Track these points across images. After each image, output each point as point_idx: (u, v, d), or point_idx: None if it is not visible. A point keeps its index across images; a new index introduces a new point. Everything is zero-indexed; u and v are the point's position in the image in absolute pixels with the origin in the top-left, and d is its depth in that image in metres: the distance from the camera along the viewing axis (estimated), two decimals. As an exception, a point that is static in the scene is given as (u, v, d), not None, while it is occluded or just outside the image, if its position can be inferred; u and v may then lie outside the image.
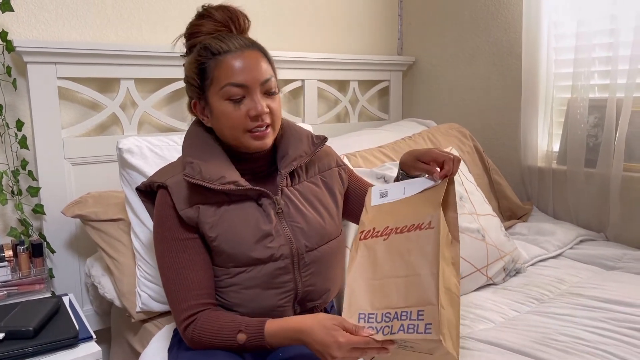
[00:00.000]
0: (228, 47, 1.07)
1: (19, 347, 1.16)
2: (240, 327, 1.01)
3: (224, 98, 1.07)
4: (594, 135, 1.97)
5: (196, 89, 1.11)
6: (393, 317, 0.89)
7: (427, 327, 0.85)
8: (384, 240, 0.99)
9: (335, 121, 2.48)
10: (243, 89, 1.06)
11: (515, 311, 1.43)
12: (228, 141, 1.12)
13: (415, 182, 1.07)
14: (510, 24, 2.23)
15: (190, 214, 1.08)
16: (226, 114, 1.07)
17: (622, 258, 1.75)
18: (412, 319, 0.87)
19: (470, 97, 2.43)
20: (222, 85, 1.06)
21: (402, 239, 0.96)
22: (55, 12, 1.70)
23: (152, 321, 1.47)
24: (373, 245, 0.99)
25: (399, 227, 0.98)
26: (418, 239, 0.95)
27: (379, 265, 0.96)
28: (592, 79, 1.95)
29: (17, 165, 1.64)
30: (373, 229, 1.02)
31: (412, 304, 0.88)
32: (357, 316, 0.93)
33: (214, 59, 1.07)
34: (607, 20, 1.90)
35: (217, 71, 1.07)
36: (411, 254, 0.94)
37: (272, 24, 2.18)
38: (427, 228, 0.95)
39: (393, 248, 0.97)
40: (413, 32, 2.64)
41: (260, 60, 1.09)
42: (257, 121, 1.07)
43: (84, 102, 1.78)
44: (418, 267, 0.92)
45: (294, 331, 0.97)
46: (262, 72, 1.08)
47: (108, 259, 1.53)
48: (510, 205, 2.16)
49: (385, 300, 0.92)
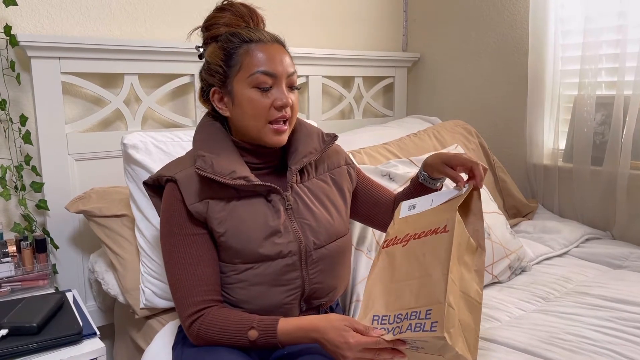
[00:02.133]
0: (259, 37, 1.10)
1: (23, 343, 1.16)
2: (252, 324, 1.01)
3: (252, 85, 1.07)
4: (600, 133, 1.95)
5: (220, 76, 1.11)
6: (404, 317, 0.90)
7: (433, 325, 0.85)
8: (402, 246, 1.01)
9: (339, 117, 2.47)
10: (272, 78, 1.08)
11: (521, 310, 1.42)
12: (245, 131, 1.11)
13: (443, 194, 1.08)
14: (516, 20, 2.22)
15: (199, 209, 1.07)
16: (253, 102, 1.07)
17: (628, 257, 1.74)
18: (420, 318, 0.88)
19: (476, 94, 2.41)
20: (252, 72, 1.07)
21: (419, 243, 0.98)
22: (59, 7, 1.69)
23: (156, 317, 1.47)
24: (393, 252, 1.02)
25: (417, 233, 1.00)
26: (433, 242, 0.96)
27: (397, 269, 0.98)
28: (599, 76, 1.94)
29: (21, 161, 1.63)
30: (395, 237, 1.04)
31: (422, 304, 0.89)
32: (371, 318, 0.94)
33: (245, 46, 1.08)
34: (614, 17, 1.88)
35: (247, 58, 1.08)
36: (426, 256, 0.95)
37: (277, 19, 2.17)
38: (442, 232, 0.96)
39: (411, 253, 0.98)
40: (418, 28, 2.63)
41: (286, 55, 1.12)
42: (280, 112, 1.08)
43: (87, 97, 1.77)
44: (430, 268, 0.93)
45: (307, 330, 0.98)
46: (289, 65, 1.11)
47: (112, 255, 1.53)
48: (516, 203, 2.15)
49: (398, 302, 0.93)
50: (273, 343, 1.00)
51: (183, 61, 1.84)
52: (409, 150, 1.98)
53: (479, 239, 1.01)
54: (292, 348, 1.08)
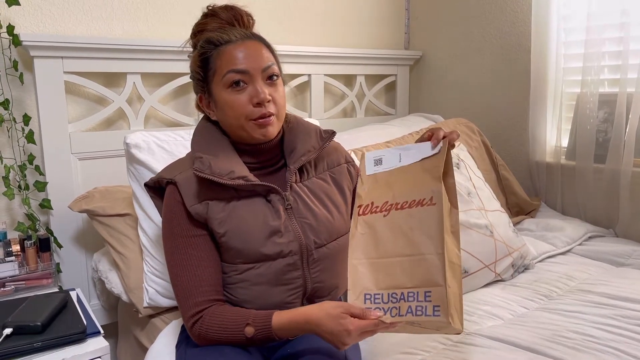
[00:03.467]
0: (229, 38, 1.09)
1: (27, 342, 1.16)
2: (248, 320, 1.01)
3: (226, 86, 1.07)
4: (603, 131, 1.95)
5: (200, 82, 1.13)
6: (400, 297, 0.88)
7: (436, 309, 0.84)
8: (384, 216, 0.96)
9: (341, 116, 2.47)
10: (244, 75, 1.07)
11: (524, 308, 1.42)
12: (234, 132, 1.12)
13: (411, 149, 1.00)
14: (519, 18, 2.21)
15: (199, 210, 1.07)
16: (229, 103, 1.07)
17: (632, 254, 1.74)
18: (419, 300, 0.86)
19: (478, 92, 2.41)
20: (224, 73, 1.07)
21: (404, 215, 0.94)
22: (61, 6, 1.69)
23: (160, 316, 1.47)
24: (373, 222, 0.97)
25: (399, 203, 0.95)
26: (420, 216, 0.92)
27: (382, 243, 0.95)
28: (602, 74, 1.93)
29: (24, 160, 1.63)
30: (372, 204, 0.99)
31: (418, 284, 0.88)
32: (363, 297, 0.92)
33: (216, 50, 1.09)
34: (617, 14, 1.87)
35: (219, 60, 1.08)
36: (414, 232, 0.92)
37: (279, 18, 2.17)
38: (429, 204, 0.92)
39: (395, 225, 0.94)
40: (420, 26, 2.62)
41: (261, 49, 1.10)
42: (259, 108, 1.07)
43: (90, 96, 1.78)
44: (422, 247, 0.90)
45: (302, 322, 0.97)
46: (264, 59, 1.09)
47: (115, 254, 1.53)
48: (519, 201, 2.15)
49: (390, 280, 0.91)
50: (270, 338, 1.00)
51: (185, 60, 1.82)
52: (411, 149, 1.97)
53: (451, 197, 0.96)
54: (295, 348, 1.08)
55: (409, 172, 0.98)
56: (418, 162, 0.98)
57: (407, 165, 0.99)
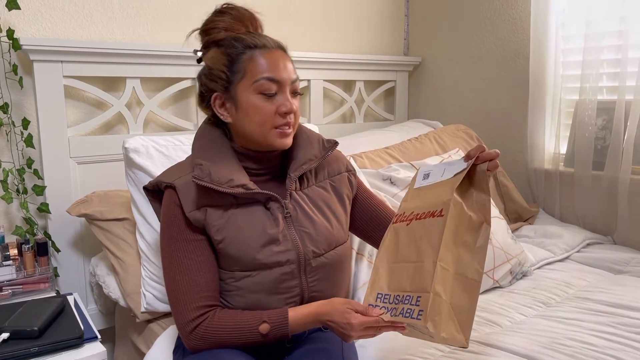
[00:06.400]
0: (263, 43, 1.09)
1: (24, 347, 1.16)
2: (263, 317, 1.03)
3: (257, 92, 1.07)
4: (602, 138, 1.95)
5: (223, 81, 1.10)
6: (400, 300, 0.94)
7: (420, 313, 0.89)
8: (407, 225, 1.02)
9: (340, 121, 2.47)
10: (277, 85, 1.08)
11: (522, 315, 1.42)
12: (250, 137, 1.10)
13: (454, 164, 1.04)
14: (517, 25, 2.22)
15: (197, 216, 1.07)
16: (258, 108, 1.07)
17: (630, 262, 1.74)
18: (411, 304, 0.92)
19: (477, 98, 2.42)
20: (257, 78, 1.07)
21: (419, 225, 0.99)
22: (61, 10, 1.69)
23: (157, 321, 1.47)
24: (399, 230, 1.03)
25: (419, 213, 1.01)
26: (430, 226, 0.97)
27: (400, 249, 1.01)
28: (600, 81, 1.94)
29: (23, 164, 1.63)
30: (403, 214, 1.05)
31: (414, 289, 0.93)
32: (376, 295, 0.99)
33: (249, 52, 1.08)
34: (616, 22, 1.88)
35: (252, 64, 1.07)
36: (422, 240, 0.97)
37: (278, 24, 2.17)
38: (438, 216, 0.96)
39: (411, 233, 1.00)
40: (419, 32, 2.63)
41: (289, 61, 1.12)
42: (285, 119, 1.08)
43: (89, 100, 1.78)
44: (424, 255, 0.95)
45: (315, 316, 1.03)
46: (293, 72, 1.11)
47: (113, 258, 1.53)
48: (517, 208, 2.15)
49: (398, 282, 0.97)
50: (284, 334, 1.03)
51: (185, 65, 1.84)
52: (410, 155, 1.98)
53: (485, 213, 0.98)
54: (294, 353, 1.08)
55: (441, 185, 1.03)
56: (452, 177, 1.02)
57: (445, 179, 1.03)
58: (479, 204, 0.99)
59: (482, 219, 0.98)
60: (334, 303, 1.01)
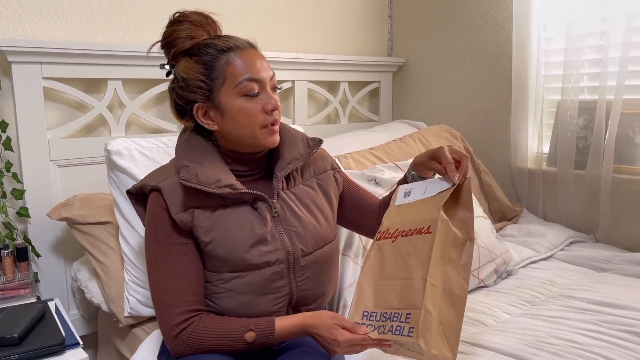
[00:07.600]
0: (235, 45, 1.08)
1: (4, 354, 1.13)
2: (249, 325, 1.02)
3: (241, 94, 1.06)
4: (583, 137, 1.97)
5: (203, 90, 1.08)
6: (388, 317, 0.94)
7: (410, 330, 0.89)
8: (392, 242, 1.02)
9: (325, 122, 2.47)
10: (259, 84, 1.07)
11: (508, 314, 1.42)
12: (239, 140, 1.09)
13: (436, 183, 1.07)
14: (500, 25, 2.24)
15: (184, 218, 1.06)
16: (244, 110, 1.06)
17: (612, 260, 1.76)
18: (400, 321, 0.91)
19: (461, 99, 2.43)
20: (239, 81, 1.06)
21: (406, 242, 1.00)
22: (40, 11, 1.66)
23: (141, 326, 1.45)
24: (383, 247, 1.03)
25: (404, 230, 1.02)
26: (417, 243, 0.97)
27: (385, 266, 1.01)
28: (581, 81, 1.96)
29: (1, 167, 1.60)
30: (387, 230, 1.05)
31: (403, 306, 0.93)
32: (362, 313, 0.99)
33: (224, 56, 1.07)
34: (597, 22, 1.90)
35: (230, 68, 1.06)
36: (410, 257, 0.97)
37: (262, 24, 2.16)
38: (425, 233, 0.97)
39: (397, 251, 1.00)
40: (403, 33, 2.64)
41: (264, 58, 1.11)
42: (271, 116, 1.08)
43: (70, 102, 1.75)
44: (413, 271, 0.95)
45: (302, 327, 1.02)
46: (269, 68, 1.10)
47: (95, 262, 1.51)
48: (501, 207, 2.16)
49: (385, 300, 0.97)
50: (270, 342, 1.02)
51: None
52: (394, 155, 1.98)
53: (468, 230, 1.00)
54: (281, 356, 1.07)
55: (423, 203, 1.05)
56: (436, 195, 1.04)
57: (427, 197, 1.05)
58: (462, 221, 1.01)
59: (466, 237, 1.00)
60: (322, 317, 1.01)
